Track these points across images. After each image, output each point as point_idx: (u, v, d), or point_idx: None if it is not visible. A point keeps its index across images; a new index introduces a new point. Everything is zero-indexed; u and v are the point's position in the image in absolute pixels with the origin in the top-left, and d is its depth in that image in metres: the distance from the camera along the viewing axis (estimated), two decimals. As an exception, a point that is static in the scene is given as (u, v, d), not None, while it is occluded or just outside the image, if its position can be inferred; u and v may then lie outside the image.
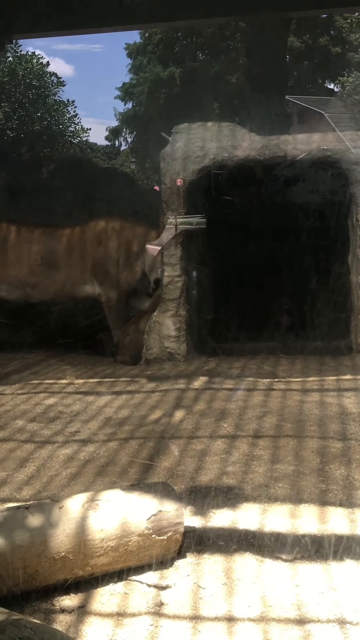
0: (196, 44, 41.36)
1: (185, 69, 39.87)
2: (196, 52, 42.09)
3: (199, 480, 3.98)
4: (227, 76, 37.19)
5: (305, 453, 4.34)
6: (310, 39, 38.94)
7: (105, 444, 4.71)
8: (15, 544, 2.84)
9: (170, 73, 40.61)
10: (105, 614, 2.83)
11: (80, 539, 2.93)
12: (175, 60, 41.38)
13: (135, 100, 44.45)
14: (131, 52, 44.56)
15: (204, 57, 41.83)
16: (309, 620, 2.73)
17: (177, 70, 40.23)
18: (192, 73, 38.91)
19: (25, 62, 27.05)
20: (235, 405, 5.46)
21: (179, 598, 2.91)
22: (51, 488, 3.98)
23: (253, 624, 2.73)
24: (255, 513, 3.54)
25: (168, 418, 5.23)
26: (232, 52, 37.47)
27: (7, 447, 4.72)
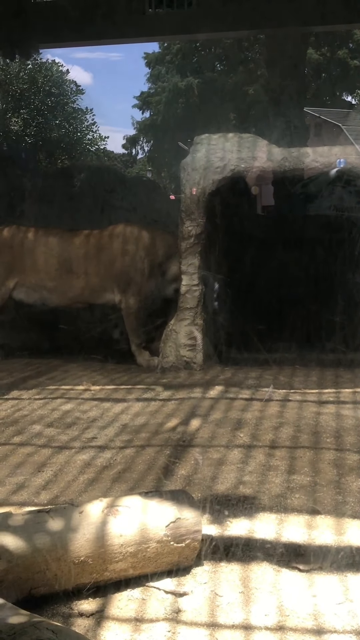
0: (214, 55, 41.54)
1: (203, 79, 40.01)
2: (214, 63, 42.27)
3: (215, 488, 4.00)
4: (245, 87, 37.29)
5: (322, 465, 4.35)
6: (328, 52, 39.03)
7: (122, 450, 4.74)
8: (36, 547, 2.86)
9: (188, 83, 40.78)
10: (123, 619, 2.85)
11: (99, 544, 2.95)
12: (194, 70, 41.58)
13: (153, 110, 44.65)
14: (150, 61, 44.79)
15: (222, 67, 41.98)
16: (325, 630, 2.74)
17: (195, 81, 40.40)
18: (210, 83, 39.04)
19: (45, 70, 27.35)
20: (251, 415, 5.48)
21: (196, 605, 2.93)
22: (68, 493, 4.00)
23: (270, 633, 2.74)
24: (272, 523, 3.56)
25: (184, 426, 5.25)
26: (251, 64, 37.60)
27: (24, 451, 4.75)
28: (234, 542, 3.37)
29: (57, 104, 26.86)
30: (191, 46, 41.23)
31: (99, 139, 29.52)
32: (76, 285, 8.15)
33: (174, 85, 41.59)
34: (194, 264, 7.21)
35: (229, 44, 37.51)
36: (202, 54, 42.27)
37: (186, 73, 41.46)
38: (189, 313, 7.23)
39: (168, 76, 43.02)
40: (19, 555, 2.84)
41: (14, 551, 2.83)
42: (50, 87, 26.50)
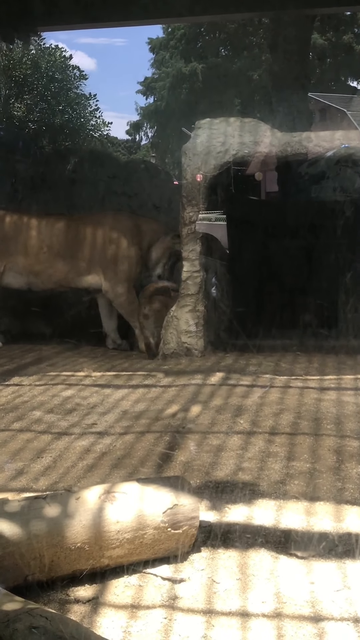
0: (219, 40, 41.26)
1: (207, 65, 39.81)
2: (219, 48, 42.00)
3: (214, 475, 3.99)
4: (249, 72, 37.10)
5: (322, 451, 4.34)
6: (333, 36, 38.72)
7: (122, 436, 4.73)
8: (32, 534, 2.85)
9: (192, 68, 40.59)
10: (120, 605, 2.84)
11: (96, 531, 2.94)
12: (198, 55, 41.35)
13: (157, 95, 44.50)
14: (154, 46, 44.59)
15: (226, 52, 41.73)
16: (323, 617, 2.73)
17: (199, 66, 40.20)
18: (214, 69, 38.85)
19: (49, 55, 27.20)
20: (251, 401, 5.47)
21: (193, 592, 2.92)
22: (67, 479, 4.00)
23: (267, 620, 2.73)
24: (270, 509, 3.55)
25: (184, 413, 5.24)
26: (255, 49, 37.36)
27: (24, 437, 4.75)
28: (232, 529, 3.36)
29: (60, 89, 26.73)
30: (195, 31, 40.99)
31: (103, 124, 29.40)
32: (61, 269, 8.14)
33: (177, 71, 41.43)
34: (195, 250, 7.17)
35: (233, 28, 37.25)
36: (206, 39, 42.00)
37: (190, 58, 41.27)
38: (190, 299, 7.20)
39: (172, 61, 42.85)
40: (15, 542, 2.82)
41: (9, 537, 2.82)
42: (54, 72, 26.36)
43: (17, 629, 2.23)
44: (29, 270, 8.19)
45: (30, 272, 8.19)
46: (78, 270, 8.13)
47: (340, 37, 38.69)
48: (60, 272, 8.15)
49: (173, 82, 41.72)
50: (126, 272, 8.02)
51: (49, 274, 8.17)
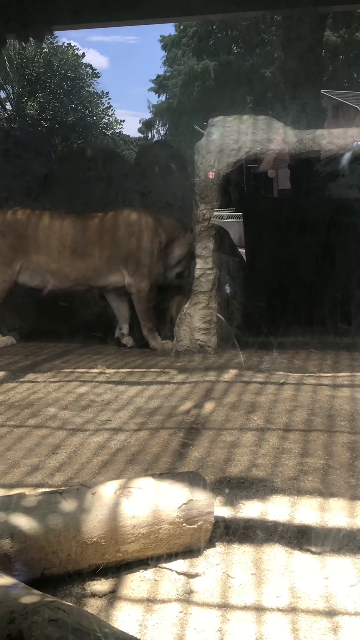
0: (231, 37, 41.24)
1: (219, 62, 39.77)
2: (231, 45, 41.96)
3: (228, 471, 4.01)
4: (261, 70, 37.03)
5: (335, 448, 4.35)
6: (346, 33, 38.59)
7: (136, 433, 4.76)
8: (49, 528, 2.88)
9: (204, 66, 40.54)
10: (136, 599, 2.86)
11: (112, 525, 2.97)
12: (210, 53, 41.31)
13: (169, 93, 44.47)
14: (166, 44, 44.56)
15: (238, 50, 41.68)
16: (337, 612, 2.75)
17: (212, 64, 40.15)
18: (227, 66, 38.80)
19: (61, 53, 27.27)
20: (265, 398, 5.48)
21: (208, 586, 2.94)
22: (82, 475, 4.03)
23: (282, 614, 2.74)
24: (284, 505, 3.56)
25: (198, 409, 5.26)
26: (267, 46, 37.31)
27: (39, 433, 4.78)
28: (247, 524, 3.38)
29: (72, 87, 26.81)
30: (207, 29, 40.97)
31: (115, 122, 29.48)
32: (79, 267, 8.12)
33: (190, 68, 41.37)
34: (209, 247, 7.19)
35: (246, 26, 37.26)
36: (219, 37, 42.01)
37: (202, 56, 41.22)
38: (203, 297, 7.22)
39: (184, 59, 42.80)
40: (32, 536, 2.85)
41: (27, 532, 2.85)
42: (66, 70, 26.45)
43: (36, 622, 2.26)
44: (45, 269, 8.18)
45: (47, 270, 8.18)
46: (96, 269, 8.10)
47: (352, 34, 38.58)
48: (78, 271, 8.13)
49: (185, 79, 41.67)
50: (149, 267, 8.00)
51: (65, 273, 8.15)
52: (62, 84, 26.67)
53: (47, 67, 25.94)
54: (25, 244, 8.16)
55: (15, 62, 25.73)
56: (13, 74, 25.99)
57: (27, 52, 25.56)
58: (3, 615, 2.32)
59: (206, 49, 41.72)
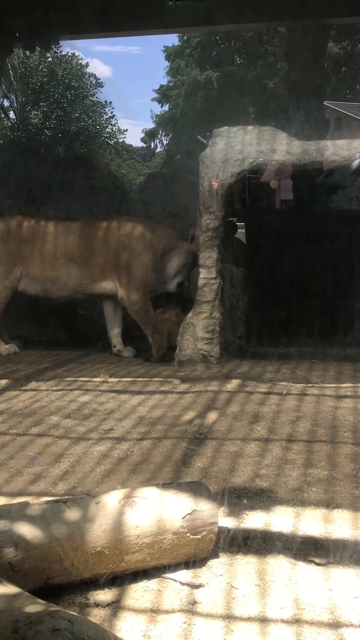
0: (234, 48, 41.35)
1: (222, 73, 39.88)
2: (234, 56, 42.07)
3: (232, 481, 4.00)
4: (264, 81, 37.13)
5: (339, 459, 4.34)
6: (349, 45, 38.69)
7: (139, 442, 4.75)
8: (53, 537, 2.87)
9: (207, 76, 40.64)
10: (139, 609, 2.85)
11: (116, 535, 2.96)
12: (213, 63, 41.43)
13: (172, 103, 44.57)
14: (169, 54, 44.69)
15: (241, 61, 41.79)
16: (342, 624, 2.73)
17: (215, 74, 40.26)
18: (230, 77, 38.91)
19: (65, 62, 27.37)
20: (268, 409, 5.47)
21: (212, 597, 2.93)
22: (85, 484, 4.02)
23: (286, 626, 2.73)
24: (288, 516, 3.55)
25: (201, 419, 5.25)
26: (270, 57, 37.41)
27: (42, 442, 4.77)
28: (250, 535, 3.37)
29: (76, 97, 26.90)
30: (211, 39, 41.10)
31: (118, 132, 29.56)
32: (76, 275, 8.10)
33: (193, 79, 41.48)
34: (212, 257, 7.19)
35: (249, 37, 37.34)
36: (222, 47, 42.12)
37: (205, 66, 41.34)
38: (206, 306, 7.22)
39: (187, 69, 42.91)
40: (36, 545, 2.85)
41: (31, 540, 2.84)
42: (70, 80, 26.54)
43: (40, 631, 2.25)
44: (44, 276, 8.18)
45: (46, 278, 8.18)
46: (92, 277, 8.08)
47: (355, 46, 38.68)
48: (75, 279, 8.12)
49: (188, 89, 41.77)
50: (141, 278, 7.98)
51: (63, 281, 8.14)
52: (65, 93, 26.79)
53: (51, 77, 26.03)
54: (24, 251, 8.16)
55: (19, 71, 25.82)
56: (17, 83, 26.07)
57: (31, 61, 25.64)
58: (7, 624, 2.32)
59: (209, 59, 41.84)
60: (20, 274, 8.21)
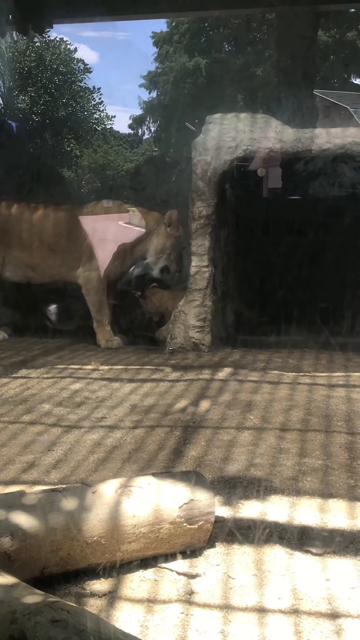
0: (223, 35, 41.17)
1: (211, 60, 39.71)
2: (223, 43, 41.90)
3: (226, 470, 3.98)
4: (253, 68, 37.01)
5: (333, 448, 4.33)
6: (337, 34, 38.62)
7: (132, 430, 4.72)
8: (49, 527, 2.84)
9: (196, 63, 40.47)
10: (136, 599, 2.83)
11: (112, 524, 2.93)
12: (202, 50, 41.25)
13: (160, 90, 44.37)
14: (157, 41, 44.45)
15: (230, 48, 41.62)
16: (340, 614, 2.72)
17: (203, 61, 40.09)
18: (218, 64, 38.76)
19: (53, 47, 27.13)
20: (261, 397, 5.46)
21: (209, 587, 2.91)
22: (79, 472, 3.99)
23: (284, 616, 2.72)
24: (284, 506, 3.54)
25: (194, 407, 5.23)
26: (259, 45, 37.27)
27: (34, 430, 4.74)
28: (246, 525, 3.36)
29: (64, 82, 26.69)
30: (199, 26, 40.89)
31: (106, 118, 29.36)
32: (54, 263, 7.97)
33: (181, 65, 41.29)
34: (204, 245, 7.15)
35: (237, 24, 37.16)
36: (211, 34, 41.91)
37: (194, 53, 41.14)
38: (198, 294, 7.18)
39: (176, 56, 42.71)
40: (32, 535, 2.82)
41: (27, 530, 2.81)
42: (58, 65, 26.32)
43: (39, 622, 2.22)
44: (25, 263, 8.06)
45: (27, 265, 8.06)
46: (69, 264, 7.95)
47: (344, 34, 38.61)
48: (52, 267, 7.99)
49: (177, 76, 41.59)
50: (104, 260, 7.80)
51: (42, 268, 8.02)
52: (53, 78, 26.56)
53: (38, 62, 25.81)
54: (6, 237, 8.03)
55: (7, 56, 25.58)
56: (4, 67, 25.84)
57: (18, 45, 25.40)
58: (5, 615, 2.28)
59: (198, 46, 41.63)
60: (2, 260, 8.07)
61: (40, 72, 25.83)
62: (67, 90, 27.17)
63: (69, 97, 26.97)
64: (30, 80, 25.62)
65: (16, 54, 25.32)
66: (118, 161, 33.74)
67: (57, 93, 26.39)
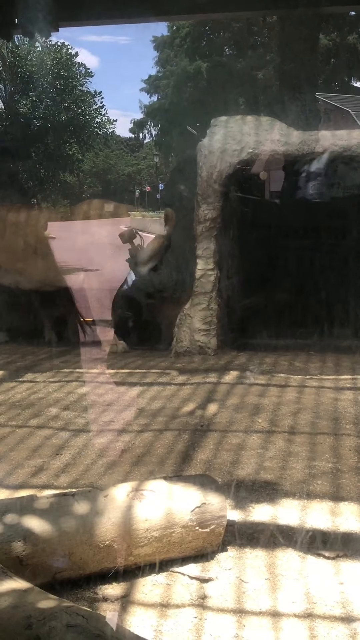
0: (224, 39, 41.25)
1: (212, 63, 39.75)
2: (223, 47, 41.96)
3: (236, 474, 3.97)
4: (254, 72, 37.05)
5: (343, 451, 4.31)
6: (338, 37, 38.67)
7: (140, 434, 4.71)
8: (62, 531, 2.83)
9: (196, 67, 40.51)
10: (149, 604, 2.81)
11: (125, 528, 2.92)
12: (202, 54, 41.29)
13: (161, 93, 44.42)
14: (158, 45, 44.51)
15: (231, 52, 41.68)
16: (355, 618, 2.70)
17: (204, 65, 40.13)
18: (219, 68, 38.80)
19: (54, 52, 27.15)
20: (268, 400, 5.44)
21: (222, 591, 2.90)
22: (88, 476, 3.97)
23: (298, 620, 2.70)
24: (295, 509, 3.52)
25: (201, 411, 5.21)
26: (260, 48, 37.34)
27: (42, 434, 4.72)
28: (258, 528, 3.34)
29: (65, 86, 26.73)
30: (200, 30, 40.94)
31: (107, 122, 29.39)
32: (40, 267, 7.84)
33: (182, 69, 41.32)
34: (210, 248, 7.13)
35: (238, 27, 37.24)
36: (211, 38, 41.97)
37: (195, 57, 41.17)
38: (203, 297, 7.16)
39: (176, 60, 42.75)
40: (45, 539, 2.80)
41: (39, 534, 2.80)
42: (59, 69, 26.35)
43: (54, 627, 2.20)
44: (13, 268, 7.89)
45: (15, 270, 7.89)
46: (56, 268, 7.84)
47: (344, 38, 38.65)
48: (40, 271, 7.86)
49: (177, 80, 41.62)
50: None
51: (29, 273, 7.86)
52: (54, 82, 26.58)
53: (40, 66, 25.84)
54: None
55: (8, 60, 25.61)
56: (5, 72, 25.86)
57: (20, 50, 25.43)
58: (20, 621, 2.27)
59: (199, 50, 41.67)
60: None
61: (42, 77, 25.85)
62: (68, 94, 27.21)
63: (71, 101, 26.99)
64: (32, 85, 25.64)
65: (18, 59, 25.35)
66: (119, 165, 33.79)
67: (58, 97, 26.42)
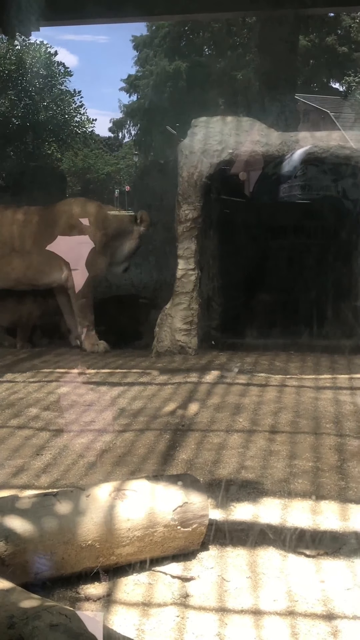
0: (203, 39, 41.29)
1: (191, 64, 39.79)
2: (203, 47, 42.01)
3: (217, 473, 3.97)
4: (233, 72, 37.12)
5: (323, 450, 4.33)
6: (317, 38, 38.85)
7: (121, 434, 4.70)
8: (43, 531, 2.83)
9: (176, 67, 40.53)
10: (131, 603, 2.82)
11: (106, 528, 2.92)
12: (182, 54, 41.31)
13: (140, 93, 44.37)
14: (138, 44, 44.46)
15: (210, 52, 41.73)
16: (336, 616, 2.73)
17: (184, 65, 40.15)
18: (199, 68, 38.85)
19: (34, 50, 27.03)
20: (249, 400, 5.45)
21: (204, 590, 2.91)
22: (69, 476, 3.96)
23: (280, 618, 2.72)
24: (276, 508, 3.54)
25: (182, 410, 5.22)
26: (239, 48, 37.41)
27: (23, 434, 4.71)
28: (239, 527, 3.35)
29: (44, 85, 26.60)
30: (179, 30, 40.97)
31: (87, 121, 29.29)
32: (19, 265, 7.72)
33: (162, 69, 41.32)
34: (190, 248, 7.14)
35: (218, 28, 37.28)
36: (191, 38, 42.01)
37: (174, 57, 41.19)
38: (184, 297, 7.17)
39: (156, 59, 42.73)
40: (26, 539, 2.80)
41: (21, 534, 2.79)
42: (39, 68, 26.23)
43: (37, 627, 2.21)
44: None
45: None
46: (37, 267, 7.71)
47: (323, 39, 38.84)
48: (18, 270, 7.74)
49: (157, 80, 41.61)
50: (90, 261, 7.61)
51: (6, 272, 7.74)
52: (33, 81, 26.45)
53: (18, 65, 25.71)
54: None
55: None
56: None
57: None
58: (2, 620, 2.27)
59: (178, 50, 41.69)
60: None
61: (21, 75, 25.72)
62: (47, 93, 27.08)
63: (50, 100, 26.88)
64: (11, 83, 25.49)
65: (-5, 58, 25.24)
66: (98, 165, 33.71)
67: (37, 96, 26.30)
